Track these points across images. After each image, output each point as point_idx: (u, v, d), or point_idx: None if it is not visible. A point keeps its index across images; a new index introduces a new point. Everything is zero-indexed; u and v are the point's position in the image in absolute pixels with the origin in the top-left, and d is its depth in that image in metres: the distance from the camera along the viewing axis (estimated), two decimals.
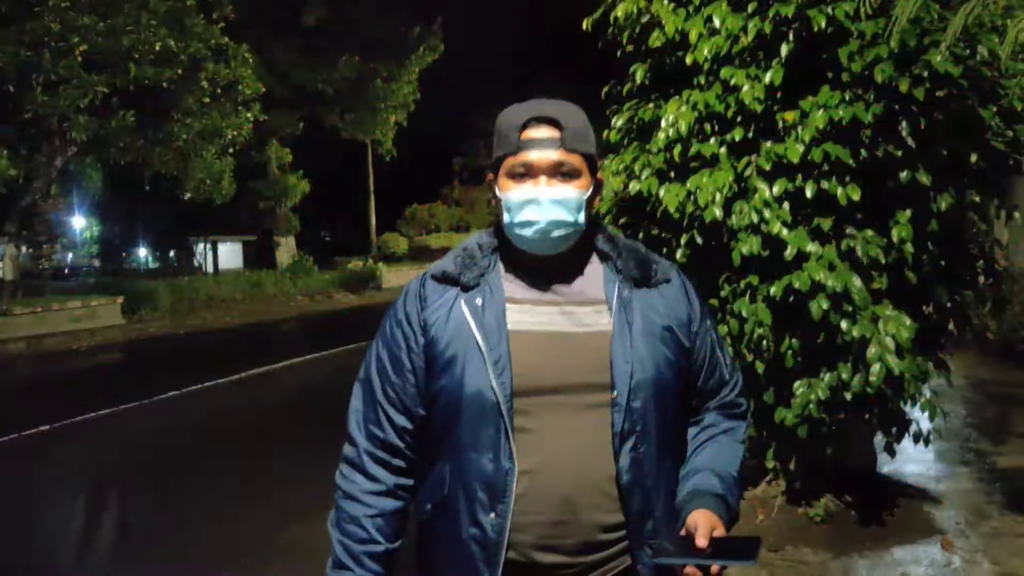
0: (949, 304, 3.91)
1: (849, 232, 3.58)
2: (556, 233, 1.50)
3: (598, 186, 1.57)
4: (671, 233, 3.95)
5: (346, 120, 27.38)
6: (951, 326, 4.07)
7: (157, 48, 15.54)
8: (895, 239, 3.48)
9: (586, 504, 1.46)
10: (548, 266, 1.56)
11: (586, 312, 1.53)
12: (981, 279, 4.13)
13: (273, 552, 4.74)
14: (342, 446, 1.72)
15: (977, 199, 3.61)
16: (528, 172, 1.50)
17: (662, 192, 3.80)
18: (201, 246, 32.05)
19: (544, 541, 1.47)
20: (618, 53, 4.55)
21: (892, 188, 3.56)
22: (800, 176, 3.58)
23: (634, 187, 3.94)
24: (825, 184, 3.50)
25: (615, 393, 1.47)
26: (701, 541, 1.36)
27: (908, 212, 3.53)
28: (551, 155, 1.49)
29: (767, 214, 3.55)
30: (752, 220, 3.55)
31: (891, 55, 3.38)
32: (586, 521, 1.47)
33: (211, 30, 17.24)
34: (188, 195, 19.06)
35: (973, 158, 3.51)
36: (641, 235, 4.07)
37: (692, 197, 3.68)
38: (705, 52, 3.78)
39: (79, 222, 29.00)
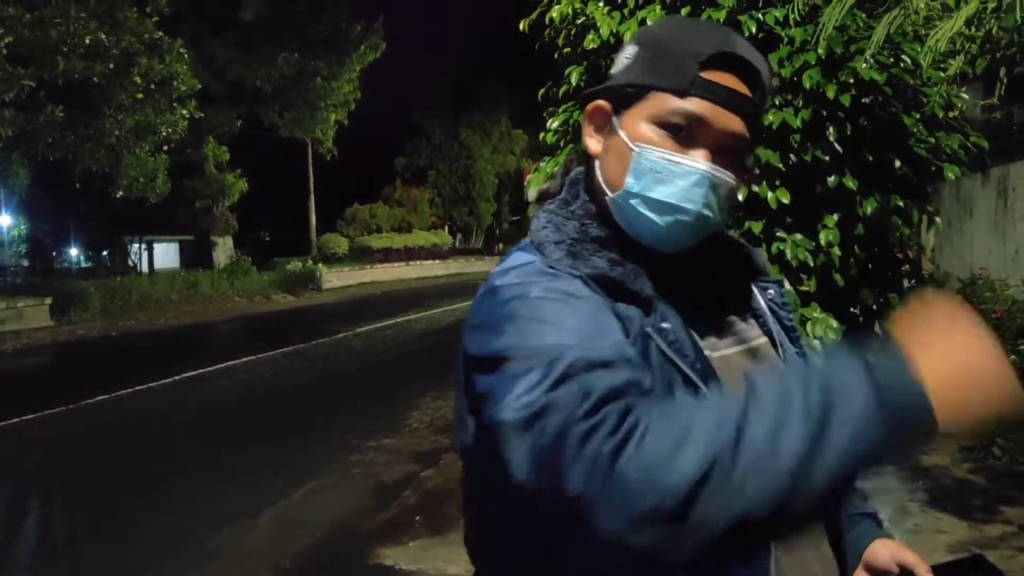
0: (875, 306, 4.00)
1: (779, 235, 3.63)
2: (693, 234, 1.02)
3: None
4: None
5: (285, 118, 26.98)
6: (877, 328, 4.16)
7: (87, 41, 15.11)
8: (823, 242, 3.55)
9: None
10: (673, 260, 1.06)
11: (736, 321, 1.11)
12: (905, 282, 4.24)
13: (202, 557, 4.65)
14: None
15: (901, 204, 3.70)
16: (689, 131, 0.99)
17: None
18: (136, 245, 31.29)
19: None
20: (555, 55, 4.56)
21: (820, 192, 3.63)
22: None
23: None
24: (756, 188, 3.55)
25: None
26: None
27: (835, 216, 3.61)
28: (734, 123, 0.99)
29: None
30: None
31: (819, 61, 3.45)
32: None
33: (144, 24, 16.83)
34: (121, 193, 18.58)
35: (897, 164, 3.59)
36: None
37: None
38: None
39: (6, 220, 28.00)
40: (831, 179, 3.56)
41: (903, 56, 3.53)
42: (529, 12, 4.58)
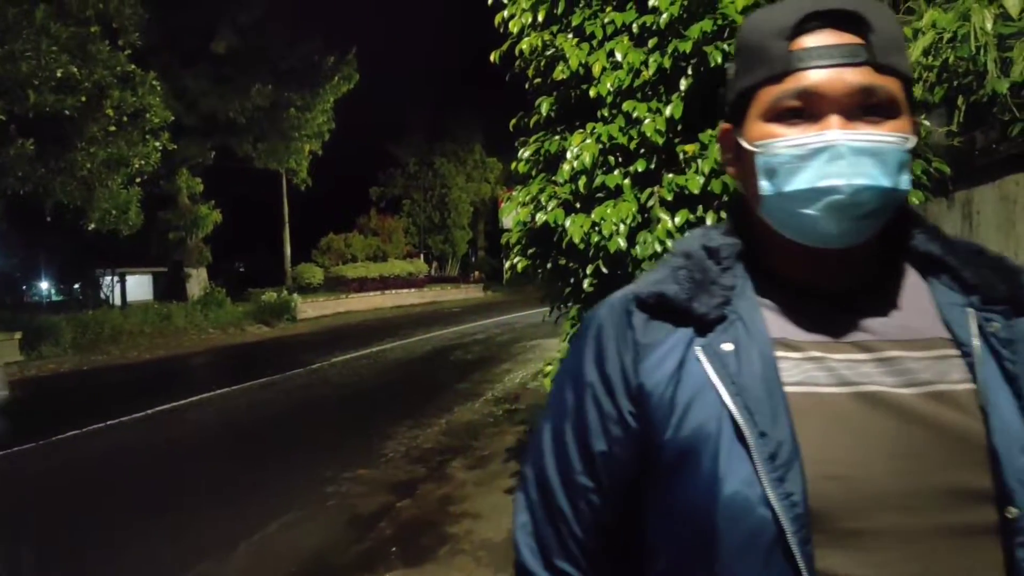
0: None
1: None
2: (866, 209, 0.87)
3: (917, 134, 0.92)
4: (578, 263, 4.01)
5: (259, 149, 26.92)
6: None
7: (59, 75, 15.01)
8: None
9: None
10: (833, 278, 0.93)
11: (920, 360, 0.89)
12: None
13: None
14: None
15: None
16: (809, 108, 0.89)
17: (568, 223, 3.85)
18: (108, 278, 30.98)
19: None
20: (526, 85, 4.62)
21: None
22: (701, 206, 3.68)
23: (540, 218, 3.99)
24: (724, 214, 3.61)
25: (1015, 510, 0.82)
26: None
27: None
28: (851, 76, 0.87)
29: (670, 244, 3.64)
30: (656, 250, 3.63)
31: None
32: None
33: (117, 57, 16.76)
34: (93, 226, 18.42)
35: None
36: (549, 265, 4.12)
37: (597, 228, 3.75)
38: (608, 86, 3.87)
39: None
40: None
41: None
42: (500, 43, 4.65)
